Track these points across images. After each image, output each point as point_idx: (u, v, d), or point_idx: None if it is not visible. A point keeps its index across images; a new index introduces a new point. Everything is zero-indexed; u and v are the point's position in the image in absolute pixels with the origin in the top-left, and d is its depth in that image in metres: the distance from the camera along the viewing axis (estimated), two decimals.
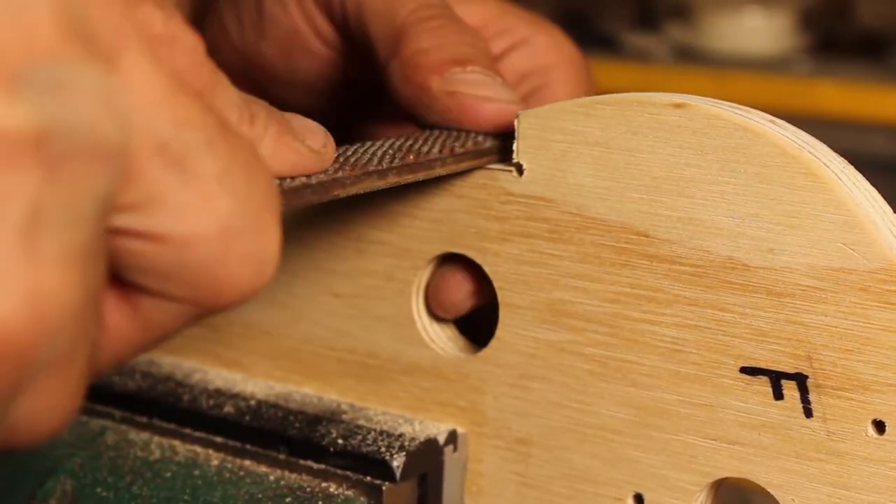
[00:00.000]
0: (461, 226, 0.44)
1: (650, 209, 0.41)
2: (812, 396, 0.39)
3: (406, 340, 0.46)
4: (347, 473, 0.44)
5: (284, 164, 0.34)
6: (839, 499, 0.39)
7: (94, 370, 0.27)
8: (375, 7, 0.48)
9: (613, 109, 0.41)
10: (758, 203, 0.39)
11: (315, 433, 0.45)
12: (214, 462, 0.46)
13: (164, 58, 0.27)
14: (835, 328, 0.38)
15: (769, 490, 0.40)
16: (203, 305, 0.28)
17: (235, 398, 0.48)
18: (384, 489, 0.44)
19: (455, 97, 0.45)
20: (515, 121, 0.43)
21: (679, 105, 0.40)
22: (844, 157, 0.39)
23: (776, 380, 0.39)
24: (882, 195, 0.39)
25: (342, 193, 0.37)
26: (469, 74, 0.45)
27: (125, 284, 0.28)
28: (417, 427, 0.46)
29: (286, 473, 0.45)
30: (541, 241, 0.43)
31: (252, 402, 0.48)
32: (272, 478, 0.45)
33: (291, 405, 0.47)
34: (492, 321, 0.45)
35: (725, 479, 0.41)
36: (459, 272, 0.46)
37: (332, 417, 0.46)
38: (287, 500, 0.45)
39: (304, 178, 0.35)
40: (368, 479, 0.44)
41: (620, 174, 0.41)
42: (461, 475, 0.46)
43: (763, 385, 0.40)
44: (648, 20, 2.00)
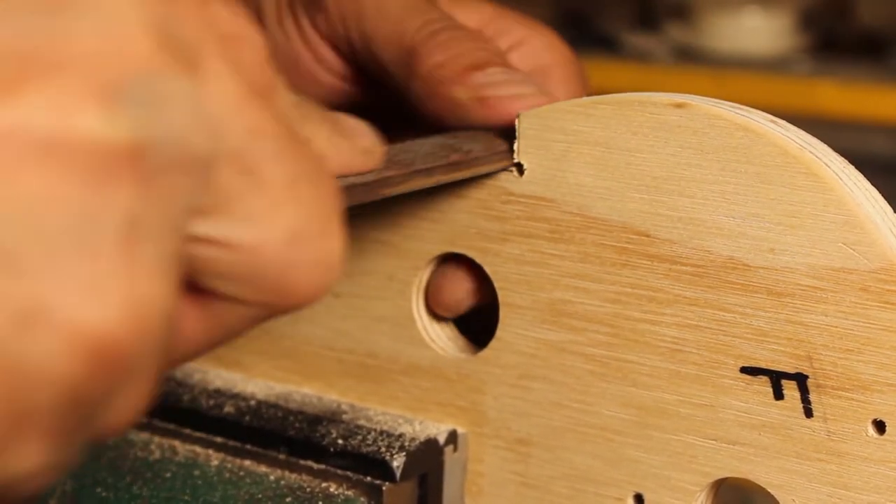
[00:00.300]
0: (461, 226, 0.44)
1: (651, 209, 0.41)
2: (812, 396, 0.39)
3: (406, 341, 0.46)
4: (347, 473, 0.44)
5: (336, 165, 0.35)
6: (839, 499, 0.39)
7: (165, 370, 0.28)
8: (382, 33, 0.48)
9: (614, 109, 0.41)
10: (758, 203, 0.39)
11: (315, 433, 0.45)
12: (214, 462, 0.46)
13: (235, 56, 0.28)
14: (835, 328, 0.38)
15: (769, 490, 0.40)
16: (271, 308, 0.29)
17: (235, 398, 0.48)
18: (384, 489, 0.44)
19: (484, 102, 0.45)
20: (516, 121, 0.43)
21: (679, 105, 0.40)
22: (844, 157, 0.39)
23: (776, 380, 0.39)
24: (882, 195, 0.39)
25: (390, 192, 0.38)
26: (491, 76, 0.46)
27: (196, 286, 0.29)
28: (417, 427, 0.46)
29: (286, 473, 0.45)
30: (541, 241, 0.43)
31: (252, 402, 0.48)
32: (272, 478, 0.45)
33: (291, 405, 0.47)
34: (492, 321, 0.45)
35: (725, 480, 0.41)
36: (460, 271, 0.46)
37: (332, 417, 0.46)
38: (287, 500, 0.45)
39: (354, 178, 0.36)
40: (368, 480, 0.44)
41: (621, 174, 0.41)
42: (461, 475, 0.46)
43: (763, 385, 0.40)
44: (648, 20, 2.00)
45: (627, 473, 0.42)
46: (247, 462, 0.46)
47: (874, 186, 0.39)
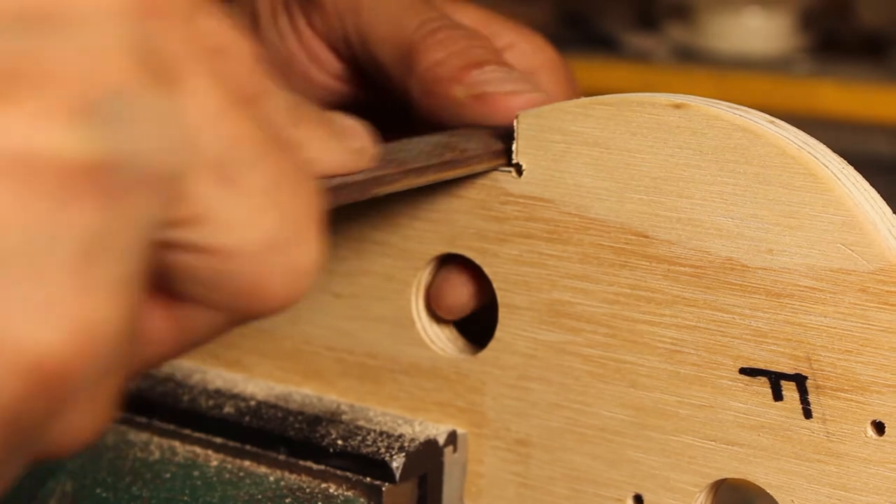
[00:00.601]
0: (460, 226, 0.45)
1: (649, 210, 0.41)
2: (811, 397, 0.39)
3: (406, 341, 0.46)
4: (347, 474, 0.44)
5: (330, 167, 0.35)
6: (838, 500, 0.39)
7: (127, 377, 0.27)
8: (380, 32, 0.48)
9: (613, 110, 0.41)
10: (757, 204, 0.39)
11: (315, 434, 0.45)
12: (214, 463, 0.46)
13: (219, 68, 0.28)
14: (834, 329, 0.38)
15: (768, 491, 0.40)
16: (242, 314, 0.29)
17: (235, 398, 0.48)
18: (384, 490, 0.44)
19: (482, 99, 0.45)
20: (515, 121, 0.43)
21: (678, 105, 0.40)
22: (844, 158, 0.39)
23: (775, 381, 0.39)
24: (882, 195, 0.39)
25: (383, 191, 0.38)
26: (488, 73, 0.46)
27: (164, 291, 0.28)
28: (417, 428, 0.46)
29: (286, 474, 0.45)
30: (540, 242, 0.43)
31: (252, 403, 0.48)
32: (272, 478, 0.45)
33: (291, 405, 0.47)
34: (492, 322, 0.45)
35: (725, 480, 0.41)
36: (461, 274, 0.46)
37: (332, 418, 0.46)
38: (287, 501, 0.45)
39: (346, 177, 0.36)
40: (368, 480, 0.44)
41: (620, 175, 0.41)
42: (461, 476, 0.46)
43: (762, 386, 0.40)
44: (648, 20, 2.00)
45: (627, 474, 0.42)
46: (246, 463, 0.46)
47: (874, 187, 0.39)
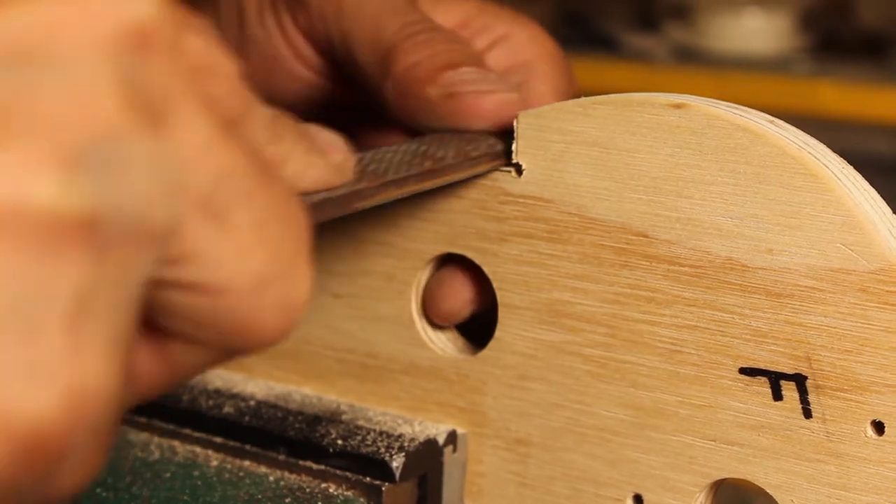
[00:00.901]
0: (460, 226, 0.44)
1: (649, 210, 0.41)
2: (811, 397, 0.39)
3: (406, 341, 0.46)
4: (347, 474, 0.44)
5: (310, 182, 0.34)
6: (838, 499, 0.39)
7: (115, 429, 0.27)
8: (361, 35, 0.48)
9: (612, 109, 0.41)
10: (757, 203, 0.39)
11: (315, 433, 0.45)
12: (214, 462, 0.46)
13: (205, 90, 0.27)
14: (834, 329, 0.38)
15: (768, 491, 0.40)
16: (232, 350, 0.29)
17: (235, 398, 0.48)
18: (384, 490, 0.44)
19: (455, 98, 0.45)
20: (514, 121, 0.43)
21: (678, 105, 0.40)
22: (844, 158, 0.39)
23: (775, 380, 0.39)
24: (882, 195, 0.39)
25: (363, 206, 0.37)
26: (463, 74, 0.45)
27: (152, 327, 0.28)
28: (417, 428, 0.46)
29: (286, 474, 0.45)
30: (540, 242, 0.43)
31: (252, 403, 0.48)
32: (272, 478, 0.45)
33: (291, 405, 0.47)
34: (491, 322, 0.45)
35: (724, 480, 0.41)
36: (457, 279, 0.46)
37: (332, 418, 0.46)
38: (287, 501, 0.45)
39: (326, 193, 0.35)
40: (368, 480, 0.44)
41: (619, 174, 0.41)
42: (461, 476, 0.46)
43: (762, 386, 0.40)
44: (648, 20, 2.00)
45: (626, 474, 0.42)
46: (246, 462, 0.46)
47: (874, 187, 0.39)
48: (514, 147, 0.43)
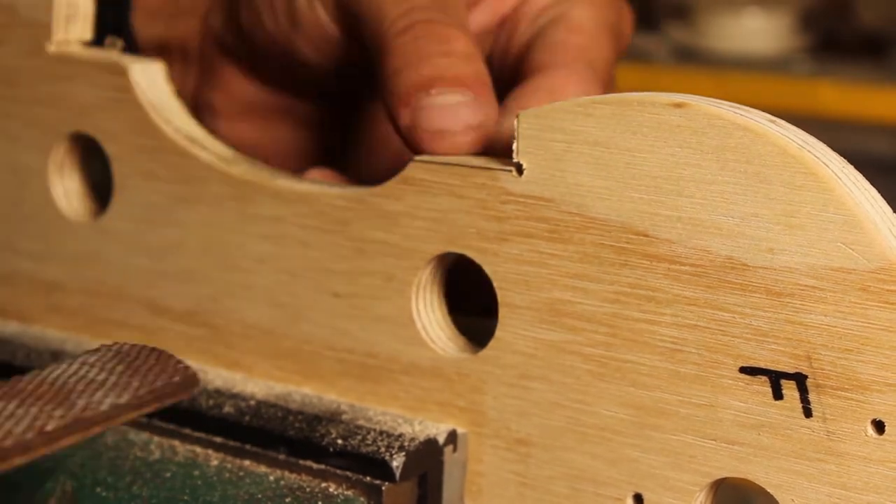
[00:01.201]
0: (461, 226, 0.44)
1: (650, 209, 0.41)
2: (812, 396, 0.39)
3: (406, 340, 0.46)
4: (347, 473, 0.44)
5: None
6: (839, 499, 0.39)
7: None
8: (366, 12, 0.48)
9: (613, 109, 0.41)
10: (757, 203, 0.39)
11: (315, 433, 0.45)
12: (214, 462, 0.46)
13: None
14: (834, 328, 0.38)
15: (768, 490, 0.40)
16: None
17: (235, 398, 0.48)
18: (384, 489, 0.44)
19: (414, 133, 0.45)
20: (515, 121, 0.43)
21: (679, 105, 0.40)
22: (844, 157, 0.39)
23: (776, 380, 0.39)
24: (882, 195, 0.39)
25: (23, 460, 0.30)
26: (434, 98, 0.45)
27: None
28: (417, 427, 0.46)
29: (286, 473, 0.45)
30: (540, 241, 0.43)
31: (252, 402, 0.48)
32: (272, 478, 0.45)
33: (291, 405, 0.47)
34: (475, 294, 0.45)
35: (725, 479, 0.41)
36: None
37: (332, 417, 0.46)
38: (287, 500, 0.45)
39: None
40: (368, 480, 0.44)
41: (620, 174, 0.41)
42: (461, 475, 0.46)
43: (762, 385, 0.40)
44: (648, 20, 2.00)
45: (626, 473, 0.42)
46: (247, 462, 0.46)
47: (874, 186, 0.39)
48: (515, 146, 0.43)
